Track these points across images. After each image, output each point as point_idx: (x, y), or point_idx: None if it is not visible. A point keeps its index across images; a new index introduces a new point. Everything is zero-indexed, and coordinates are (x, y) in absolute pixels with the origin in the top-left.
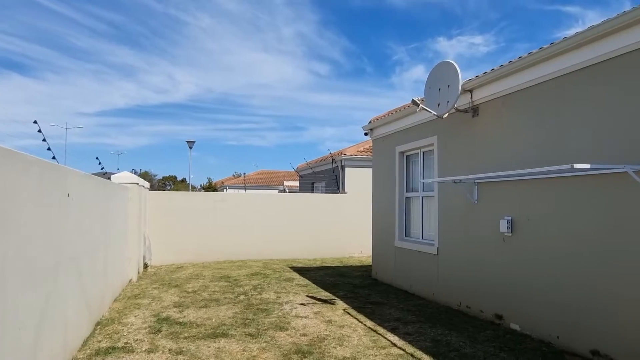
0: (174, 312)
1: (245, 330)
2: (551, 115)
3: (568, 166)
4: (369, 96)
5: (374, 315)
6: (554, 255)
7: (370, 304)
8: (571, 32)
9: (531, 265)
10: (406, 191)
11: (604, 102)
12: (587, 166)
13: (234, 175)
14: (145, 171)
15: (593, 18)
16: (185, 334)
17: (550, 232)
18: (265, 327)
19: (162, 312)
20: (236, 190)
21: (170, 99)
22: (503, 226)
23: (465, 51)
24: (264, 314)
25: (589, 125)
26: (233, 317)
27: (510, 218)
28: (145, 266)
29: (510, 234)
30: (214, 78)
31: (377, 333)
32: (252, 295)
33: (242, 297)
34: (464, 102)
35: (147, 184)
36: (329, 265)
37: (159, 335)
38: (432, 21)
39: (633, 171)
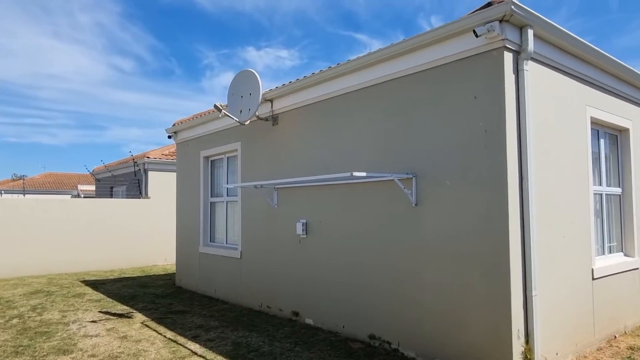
0: None
1: (16, 359)
2: (338, 128)
3: (348, 174)
4: (178, 98)
5: (175, 325)
6: (339, 254)
7: (172, 314)
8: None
9: (321, 264)
10: (211, 196)
11: (377, 119)
12: (364, 174)
13: (12, 178)
14: None
15: (378, 46)
16: None
17: (336, 233)
18: (45, 353)
19: None
20: (14, 196)
21: None
22: (299, 229)
23: (273, 63)
24: (44, 337)
25: (368, 138)
26: (1, 347)
27: (305, 221)
28: None
29: (305, 236)
30: None
31: (177, 343)
32: (29, 317)
33: (15, 321)
34: (265, 110)
35: None
36: (129, 276)
37: None
38: (242, 30)
39: (398, 179)
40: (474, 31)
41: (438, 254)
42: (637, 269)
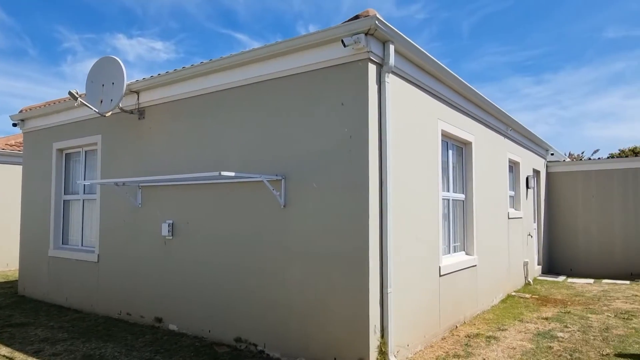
0: None
1: None
2: (209, 126)
3: (217, 173)
4: (32, 83)
5: (13, 339)
6: (207, 256)
7: (11, 327)
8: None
9: (188, 266)
10: (65, 193)
11: (250, 120)
12: (232, 174)
13: None
14: None
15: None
16: None
17: (203, 234)
18: None
19: None
20: None
21: None
22: (164, 230)
23: (146, 54)
24: None
25: (239, 138)
26: None
27: (171, 222)
28: None
29: (171, 237)
30: None
31: None
32: None
33: None
34: (130, 103)
35: None
36: None
37: None
38: (111, 16)
39: (267, 180)
40: (342, 41)
41: (305, 254)
42: (475, 265)
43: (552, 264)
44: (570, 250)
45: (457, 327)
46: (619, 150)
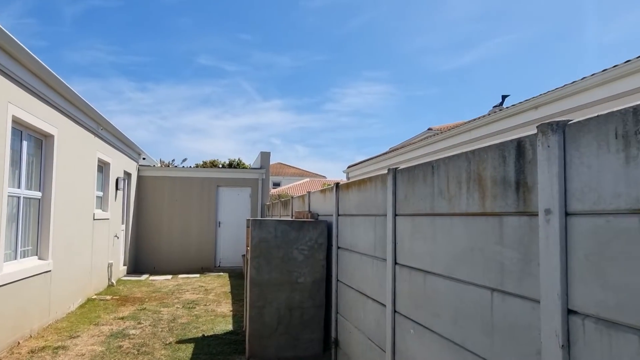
0: None
1: None
2: None
3: None
4: None
5: None
6: None
7: None
8: None
9: None
10: None
11: None
12: None
13: None
14: None
15: None
16: None
17: None
18: None
19: None
20: None
21: None
22: None
23: None
24: None
25: None
26: None
27: None
28: None
29: None
30: None
31: None
32: None
33: None
34: None
35: None
36: None
37: None
38: None
39: None
40: None
41: None
42: (50, 271)
43: (139, 264)
44: (155, 250)
45: (19, 343)
46: (203, 161)
